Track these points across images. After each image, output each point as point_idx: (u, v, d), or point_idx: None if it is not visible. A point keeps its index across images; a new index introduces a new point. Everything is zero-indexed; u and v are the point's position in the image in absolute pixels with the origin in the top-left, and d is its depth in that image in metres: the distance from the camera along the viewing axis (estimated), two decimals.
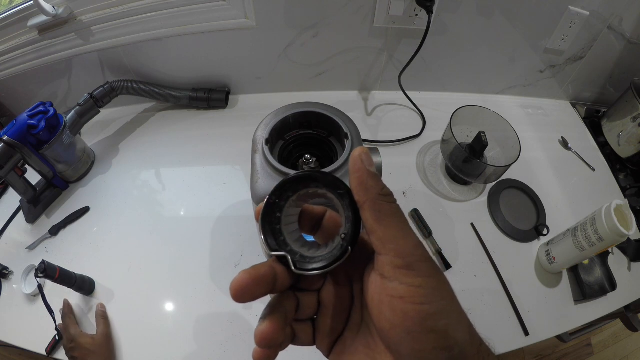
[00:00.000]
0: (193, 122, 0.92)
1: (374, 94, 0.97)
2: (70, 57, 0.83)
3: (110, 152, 0.87)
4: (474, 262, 0.71)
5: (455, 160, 0.76)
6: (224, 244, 0.72)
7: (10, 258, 0.72)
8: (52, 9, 0.73)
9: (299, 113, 0.47)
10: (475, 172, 0.74)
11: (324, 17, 0.79)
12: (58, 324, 0.61)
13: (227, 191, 0.79)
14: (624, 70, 0.92)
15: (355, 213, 0.22)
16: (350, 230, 0.22)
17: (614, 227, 0.56)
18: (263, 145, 0.44)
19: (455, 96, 0.98)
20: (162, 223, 0.76)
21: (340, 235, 0.22)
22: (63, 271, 0.61)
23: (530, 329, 0.63)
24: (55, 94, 0.93)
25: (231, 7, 0.76)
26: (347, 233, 0.22)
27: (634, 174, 0.88)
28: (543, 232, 0.75)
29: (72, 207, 0.78)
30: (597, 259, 0.71)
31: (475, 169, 0.74)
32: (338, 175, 0.41)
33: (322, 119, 0.47)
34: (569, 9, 0.79)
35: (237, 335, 0.62)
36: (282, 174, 0.42)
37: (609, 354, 1.45)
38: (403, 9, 0.77)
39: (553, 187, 0.83)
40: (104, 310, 0.64)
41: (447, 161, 0.78)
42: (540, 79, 0.96)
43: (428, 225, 0.74)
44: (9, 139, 0.67)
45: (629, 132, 0.85)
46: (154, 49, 0.84)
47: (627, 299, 0.70)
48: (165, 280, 0.68)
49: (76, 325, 0.61)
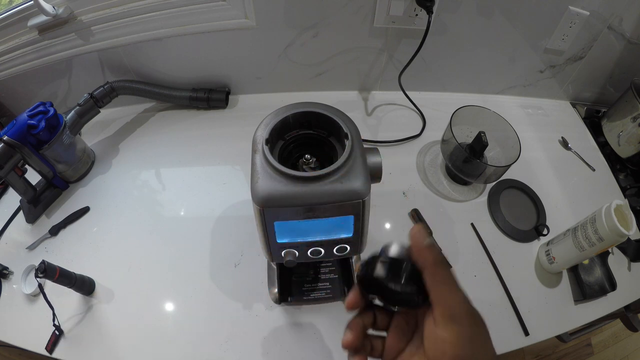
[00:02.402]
0: (193, 122, 0.92)
1: (374, 94, 0.97)
2: (70, 57, 0.83)
3: (110, 152, 0.87)
4: (474, 262, 0.71)
5: (455, 160, 0.76)
6: (224, 244, 0.72)
7: (10, 258, 0.72)
8: (52, 9, 0.73)
9: (299, 113, 0.47)
10: (475, 172, 0.74)
11: (324, 17, 0.79)
12: None
13: (227, 191, 0.79)
14: (624, 70, 0.92)
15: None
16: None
17: (614, 227, 0.56)
18: (263, 145, 0.43)
19: (455, 96, 0.98)
20: (162, 223, 0.76)
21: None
22: (63, 271, 0.61)
23: (530, 329, 0.64)
24: (55, 94, 0.93)
25: (231, 7, 0.76)
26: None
27: (634, 174, 0.88)
28: (543, 232, 0.75)
29: (72, 207, 0.78)
30: (597, 259, 0.71)
31: (475, 169, 0.74)
32: (337, 175, 0.41)
33: (322, 119, 0.47)
34: (569, 9, 0.79)
35: (237, 335, 0.62)
36: (282, 175, 0.41)
37: (609, 354, 1.45)
38: (403, 9, 0.77)
39: (553, 187, 0.83)
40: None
41: (447, 161, 0.78)
42: (540, 79, 0.96)
43: (428, 225, 0.74)
44: (9, 139, 0.67)
45: (629, 132, 0.85)
46: (154, 49, 0.84)
47: (627, 299, 0.70)
48: (165, 280, 0.68)
49: None
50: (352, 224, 0.44)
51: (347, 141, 0.43)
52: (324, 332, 0.62)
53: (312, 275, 0.60)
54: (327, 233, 0.46)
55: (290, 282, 0.60)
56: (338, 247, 0.47)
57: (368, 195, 0.42)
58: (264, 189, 0.41)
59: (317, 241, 0.46)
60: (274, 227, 0.44)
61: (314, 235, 0.46)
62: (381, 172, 0.46)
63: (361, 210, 0.43)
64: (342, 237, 0.46)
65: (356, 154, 0.43)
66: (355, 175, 0.41)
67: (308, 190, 0.40)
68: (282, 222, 0.43)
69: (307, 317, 0.63)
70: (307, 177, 0.40)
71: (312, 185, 0.40)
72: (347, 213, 0.42)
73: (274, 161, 0.42)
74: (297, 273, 0.61)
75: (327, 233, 0.46)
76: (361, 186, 0.41)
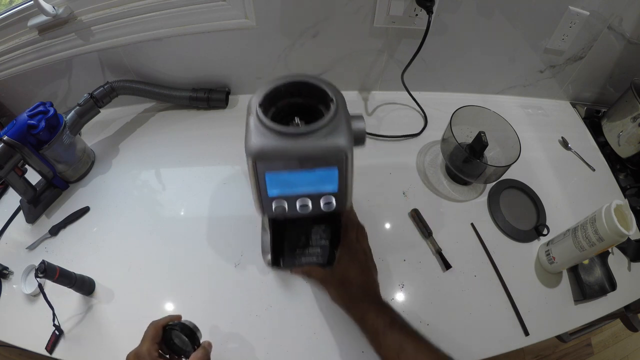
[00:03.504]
0: (193, 122, 0.92)
1: (374, 94, 0.97)
2: (70, 57, 0.83)
3: (110, 152, 0.87)
4: (474, 262, 0.71)
5: (455, 160, 0.76)
6: (224, 244, 0.72)
7: (10, 258, 0.72)
8: (52, 9, 0.73)
9: (290, 82, 0.52)
10: (475, 172, 0.74)
11: (324, 17, 0.79)
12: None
13: (227, 191, 0.79)
14: (624, 70, 0.92)
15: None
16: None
17: (614, 227, 0.56)
18: (257, 108, 0.48)
19: (456, 96, 0.98)
20: (162, 223, 0.76)
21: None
22: (63, 271, 0.61)
23: (530, 329, 0.64)
24: (55, 94, 0.93)
25: (231, 7, 0.76)
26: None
27: (634, 174, 0.88)
28: (543, 232, 0.75)
29: (72, 207, 0.78)
30: (597, 259, 0.71)
31: (475, 169, 0.74)
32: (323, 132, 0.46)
33: (311, 88, 0.52)
34: (569, 9, 0.79)
35: (237, 336, 0.62)
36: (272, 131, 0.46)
37: (609, 354, 1.45)
38: (403, 9, 0.77)
39: (553, 187, 0.83)
40: (208, 351, 0.53)
41: (447, 161, 0.78)
42: (540, 79, 0.96)
43: (428, 225, 0.74)
44: (9, 139, 0.67)
45: (629, 132, 0.85)
46: (154, 49, 0.84)
47: (627, 299, 0.70)
48: (165, 280, 0.68)
49: (155, 343, 0.51)
50: (337, 178, 0.48)
51: (332, 104, 0.48)
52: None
53: (304, 241, 0.64)
54: (314, 186, 0.49)
55: (283, 247, 0.63)
56: (325, 201, 0.51)
57: (351, 152, 0.47)
58: (256, 143, 0.46)
59: (306, 194, 0.50)
60: (265, 178, 0.48)
61: (302, 188, 0.49)
62: (364, 136, 0.50)
63: (344, 165, 0.47)
64: (328, 191, 0.50)
65: (340, 116, 0.48)
66: (339, 133, 0.46)
67: (296, 144, 0.45)
68: (272, 174, 0.47)
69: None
70: (295, 132, 0.46)
71: (300, 139, 0.45)
72: (332, 165, 0.47)
73: (265, 119, 0.46)
74: (289, 240, 0.64)
75: (314, 186, 0.49)
76: (344, 142, 0.46)
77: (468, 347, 0.61)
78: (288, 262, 0.62)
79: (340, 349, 0.60)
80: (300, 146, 0.45)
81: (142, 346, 0.50)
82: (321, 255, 0.62)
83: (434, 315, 0.63)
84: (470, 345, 0.62)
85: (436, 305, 0.65)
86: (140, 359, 0.48)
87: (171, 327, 0.52)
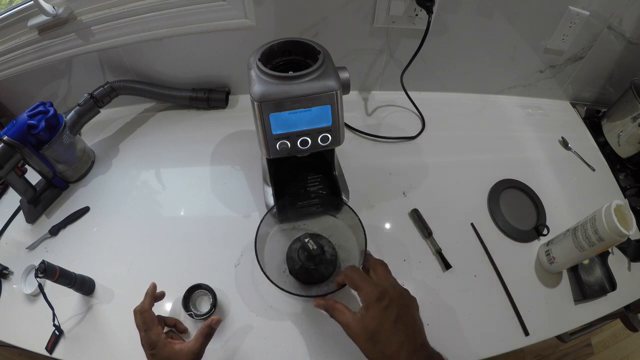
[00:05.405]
0: (193, 122, 0.92)
1: (374, 94, 0.97)
2: (70, 57, 0.83)
3: (110, 152, 0.87)
4: (474, 262, 0.71)
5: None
6: (224, 244, 0.72)
7: (10, 258, 0.72)
8: (52, 9, 0.73)
9: (282, 42, 0.60)
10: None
11: (324, 17, 0.79)
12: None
13: (227, 191, 0.79)
14: (624, 70, 0.92)
15: None
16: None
17: (614, 227, 0.56)
18: (257, 61, 0.56)
19: (456, 96, 0.98)
20: (162, 223, 0.76)
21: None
22: (63, 271, 0.61)
23: (530, 329, 0.64)
24: (55, 94, 0.93)
25: (231, 7, 0.76)
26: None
27: (634, 174, 0.88)
28: (543, 232, 0.75)
29: (72, 207, 0.78)
30: (597, 259, 0.71)
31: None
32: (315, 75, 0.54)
33: (300, 47, 0.61)
34: (569, 9, 0.79)
35: (237, 335, 0.62)
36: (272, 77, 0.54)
37: (609, 354, 1.45)
38: (403, 9, 0.77)
39: (553, 187, 0.83)
40: (213, 328, 0.55)
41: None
42: (540, 79, 0.96)
43: (428, 225, 0.74)
44: (9, 139, 0.67)
45: (629, 132, 0.85)
46: (154, 49, 0.84)
47: (627, 299, 0.70)
48: (165, 281, 0.68)
49: (158, 326, 0.53)
50: (330, 114, 0.57)
51: (319, 55, 0.57)
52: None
53: (303, 192, 0.72)
54: (312, 123, 0.57)
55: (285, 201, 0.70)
56: (322, 136, 0.59)
57: (340, 90, 0.56)
58: (259, 89, 0.54)
59: (305, 131, 0.58)
60: (270, 119, 0.55)
61: (301, 126, 0.57)
62: (349, 84, 0.60)
63: (336, 102, 0.56)
64: (324, 126, 0.58)
65: (328, 64, 0.57)
66: (329, 76, 0.55)
67: (293, 87, 0.54)
68: (275, 115, 0.55)
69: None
70: (291, 76, 0.54)
71: (296, 82, 0.54)
72: (325, 103, 0.55)
73: (265, 68, 0.55)
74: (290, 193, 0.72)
75: (311, 123, 0.57)
76: (333, 83, 0.55)
77: (468, 347, 0.61)
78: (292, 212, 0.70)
79: (341, 349, 0.60)
80: (296, 87, 0.54)
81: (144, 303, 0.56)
82: (322, 204, 0.70)
83: (434, 315, 0.63)
84: (470, 345, 0.62)
85: (436, 305, 0.65)
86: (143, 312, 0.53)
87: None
